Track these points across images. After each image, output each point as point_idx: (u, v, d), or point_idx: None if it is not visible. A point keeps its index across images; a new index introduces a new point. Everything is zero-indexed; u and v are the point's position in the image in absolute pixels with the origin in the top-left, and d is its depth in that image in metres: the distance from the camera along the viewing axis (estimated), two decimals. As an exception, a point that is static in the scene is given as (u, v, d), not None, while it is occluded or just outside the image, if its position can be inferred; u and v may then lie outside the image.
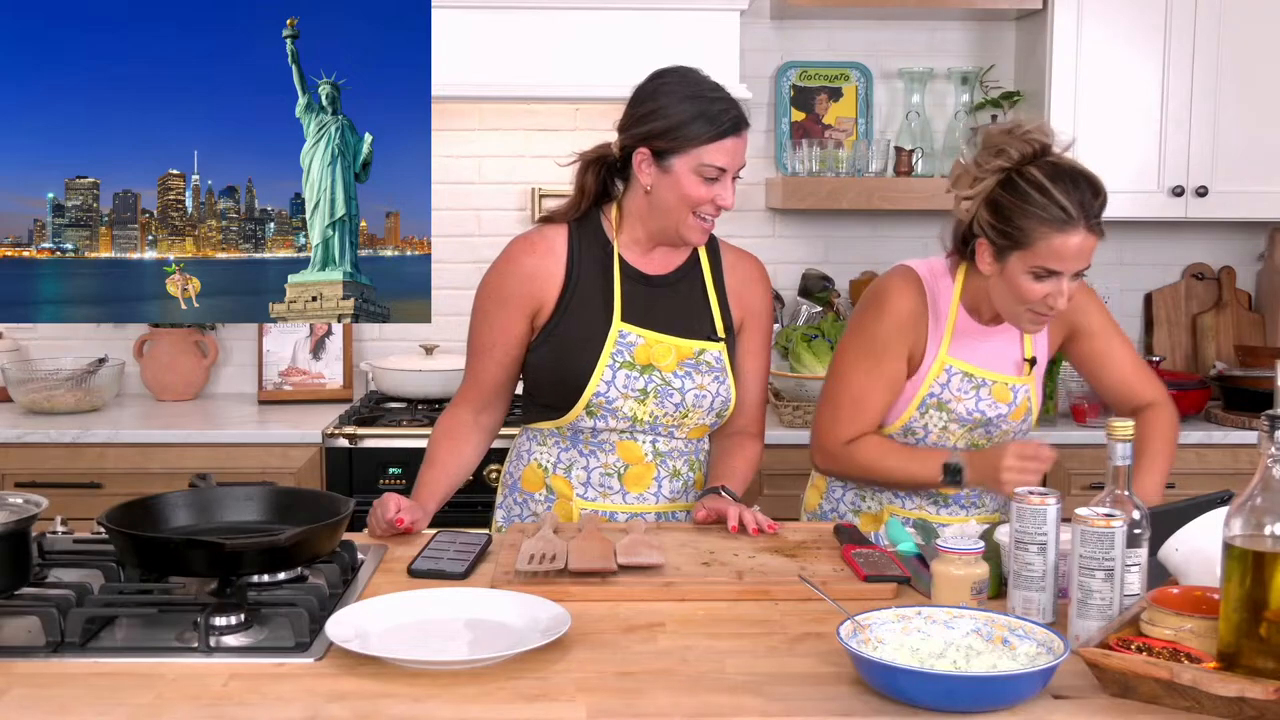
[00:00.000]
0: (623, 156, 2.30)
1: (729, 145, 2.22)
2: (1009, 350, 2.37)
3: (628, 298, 2.32)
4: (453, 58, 3.46)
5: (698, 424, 2.36)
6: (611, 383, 2.28)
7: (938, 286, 2.35)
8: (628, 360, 2.29)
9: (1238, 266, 4.03)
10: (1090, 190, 2.16)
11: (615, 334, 2.29)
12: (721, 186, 2.24)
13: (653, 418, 2.31)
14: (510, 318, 2.33)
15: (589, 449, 2.34)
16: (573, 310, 2.31)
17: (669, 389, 2.30)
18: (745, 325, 2.42)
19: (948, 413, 2.35)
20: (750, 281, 2.43)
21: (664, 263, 2.37)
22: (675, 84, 2.25)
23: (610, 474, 2.34)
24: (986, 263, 2.23)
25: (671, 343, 2.32)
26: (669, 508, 2.37)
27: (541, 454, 2.38)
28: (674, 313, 2.34)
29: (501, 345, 2.34)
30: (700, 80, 2.27)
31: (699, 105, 2.22)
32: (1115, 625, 1.60)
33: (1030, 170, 2.17)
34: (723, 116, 2.22)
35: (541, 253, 2.33)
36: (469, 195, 3.96)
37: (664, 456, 2.35)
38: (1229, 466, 3.41)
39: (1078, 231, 2.14)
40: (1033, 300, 2.20)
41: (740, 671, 1.59)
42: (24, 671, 1.59)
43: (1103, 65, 3.60)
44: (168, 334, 3.81)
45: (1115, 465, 1.72)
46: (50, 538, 2.07)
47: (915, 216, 3.98)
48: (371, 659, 1.60)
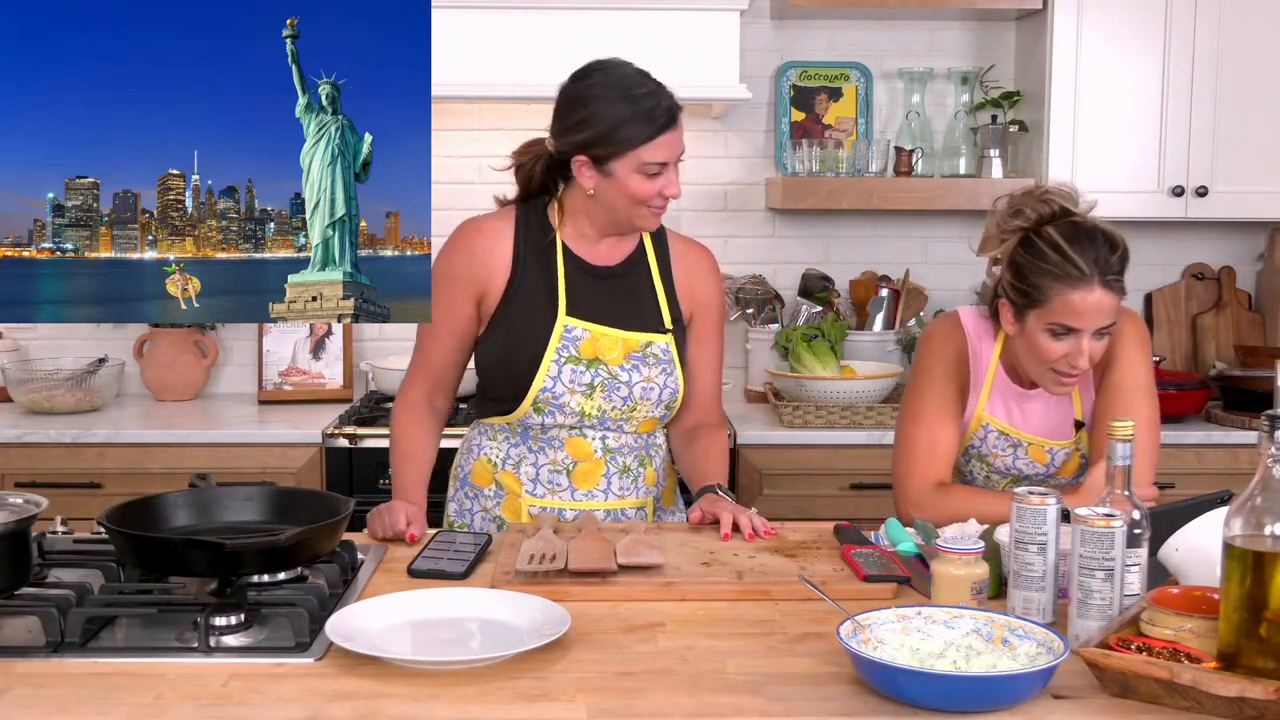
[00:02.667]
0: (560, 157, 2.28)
1: (666, 140, 2.20)
2: (1051, 412, 2.37)
3: (573, 290, 2.31)
4: (453, 58, 3.47)
5: (646, 416, 2.35)
6: (558, 378, 2.28)
7: (980, 343, 2.38)
8: (573, 355, 2.28)
9: (1238, 266, 4.03)
10: (1108, 247, 2.17)
11: (560, 328, 2.28)
12: (665, 179, 2.23)
13: (600, 412, 2.30)
14: (456, 297, 2.33)
15: (538, 445, 2.34)
16: (519, 300, 2.30)
17: (615, 382, 2.30)
18: (695, 316, 2.41)
19: (988, 465, 2.40)
20: (699, 273, 2.42)
21: (610, 254, 2.36)
22: (603, 85, 2.22)
23: (559, 471, 2.33)
24: (1009, 322, 2.27)
25: (618, 336, 2.31)
26: (618, 505, 2.36)
27: (491, 449, 2.38)
28: (621, 305, 2.33)
29: (448, 325, 2.34)
30: (625, 76, 2.23)
31: (630, 106, 2.19)
32: (1115, 625, 1.60)
33: (1048, 230, 2.20)
34: (655, 112, 2.19)
35: (487, 234, 2.34)
36: (469, 195, 3.95)
37: (613, 453, 2.34)
38: (1229, 466, 3.41)
39: (1092, 288, 2.15)
40: (1053, 359, 2.21)
41: (740, 671, 1.59)
42: (24, 671, 1.59)
43: (1103, 65, 3.60)
44: (168, 334, 3.81)
45: (1115, 465, 1.72)
46: (50, 538, 2.07)
47: (915, 216, 3.98)
48: (371, 659, 1.60)
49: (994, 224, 2.28)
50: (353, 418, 3.48)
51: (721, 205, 3.99)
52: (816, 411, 3.46)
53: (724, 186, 3.99)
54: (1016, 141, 3.83)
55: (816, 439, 3.43)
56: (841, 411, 3.46)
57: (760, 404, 3.80)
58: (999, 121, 3.79)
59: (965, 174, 3.82)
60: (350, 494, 2.59)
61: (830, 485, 3.41)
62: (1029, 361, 2.28)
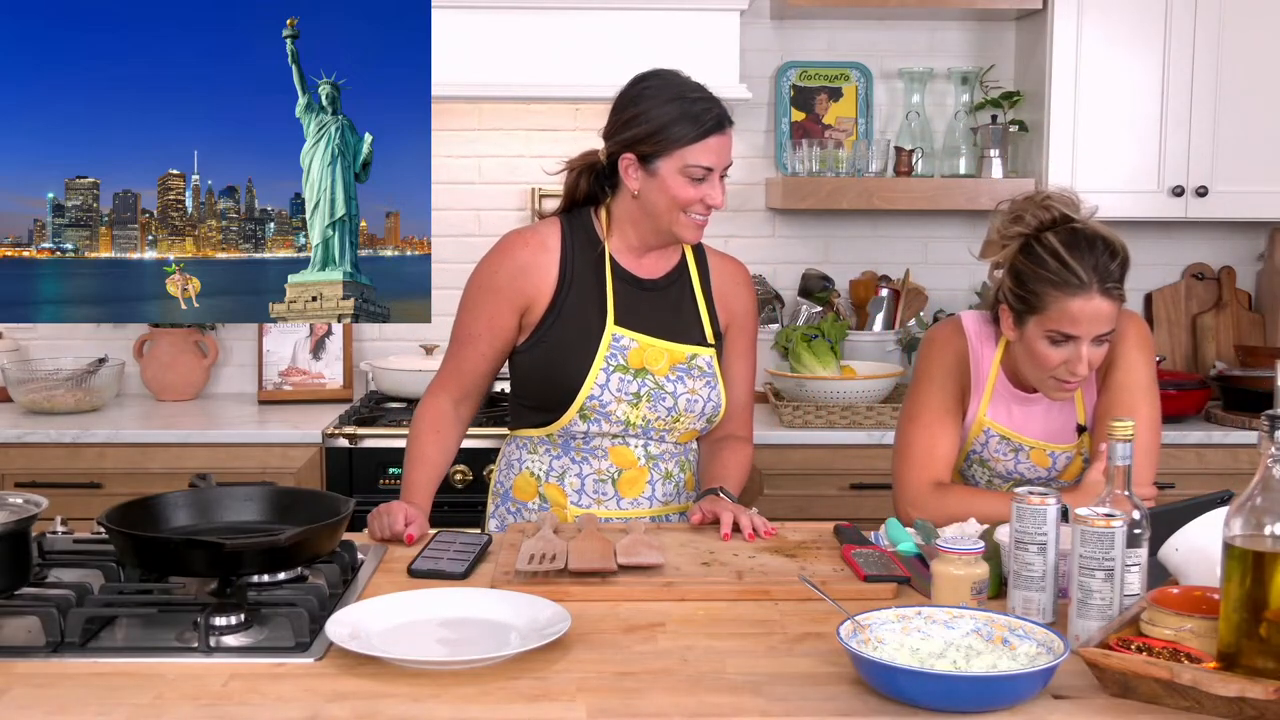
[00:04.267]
0: (610, 163, 2.30)
1: (713, 144, 2.22)
2: (1053, 416, 2.37)
3: (620, 300, 2.32)
4: (453, 58, 3.46)
5: (689, 428, 2.36)
6: (605, 386, 2.28)
7: (982, 347, 2.38)
8: (621, 364, 2.29)
9: (1238, 266, 4.03)
10: (1107, 254, 2.16)
11: (609, 337, 2.29)
12: (709, 186, 2.24)
13: (645, 422, 2.31)
14: (500, 310, 2.32)
15: (581, 455, 2.34)
16: (567, 311, 2.30)
17: (662, 393, 2.30)
18: (730, 329, 2.42)
19: (990, 469, 2.40)
20: (735, 285, 2.43)
21: (655, 267, 2.37)
22: (657, 87, 2.25)
23: (604, 480, 2.34)
24: (1008, 327, 2.27)
25: (664, 347, 2.32)
26: (663, 510, 2.37)
27: (533, 462, 2.37)
28: (666, 317, 2.34)
29: (487, 337, 2.33)
30: (681, 82, 2.26)
31: (680, 106, 2.21)
32: (1115, 625, 1.60)
33: (1047, 237, 2.19)
34: (705, 115, 2.21)
35: (535, 247, 2.33)
36: (469, 195, 3.96)
37: (656, 460, 2.35)
38: (1229, 466, 3.41)
39: (1091, 296, 2.15)
40: (1051, 366, 2.21)
41: (740, 671, 1.59)
42: (24, 671, 1.59)
43: (1103, 65, 3.60)
44: (168, 334, 3.81)
45: (1115, 465, 1.72)
46: (50, 538, 2.07)
47: (915, 216, 3.98)
48: (371, 659, 1.60)
49: (995, 229, 2.28)
50: (353, 418, 3.48)
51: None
52: (816, 411, 3.46)
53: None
54: (1016, 141, 3.83)
55: (816, 439, 3.43)
56: (841, 411, 3.46)
57: (760, 404, 3.80)
58: (999, 121, 3.79)
59: (965, 174, 3.82)
60: (350, 494, 2.59)
61: (830, 485, 3.41)
62: (1028, 368, 2.28)
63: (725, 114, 2.25)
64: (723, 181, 2.27)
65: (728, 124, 2.25)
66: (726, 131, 2.24)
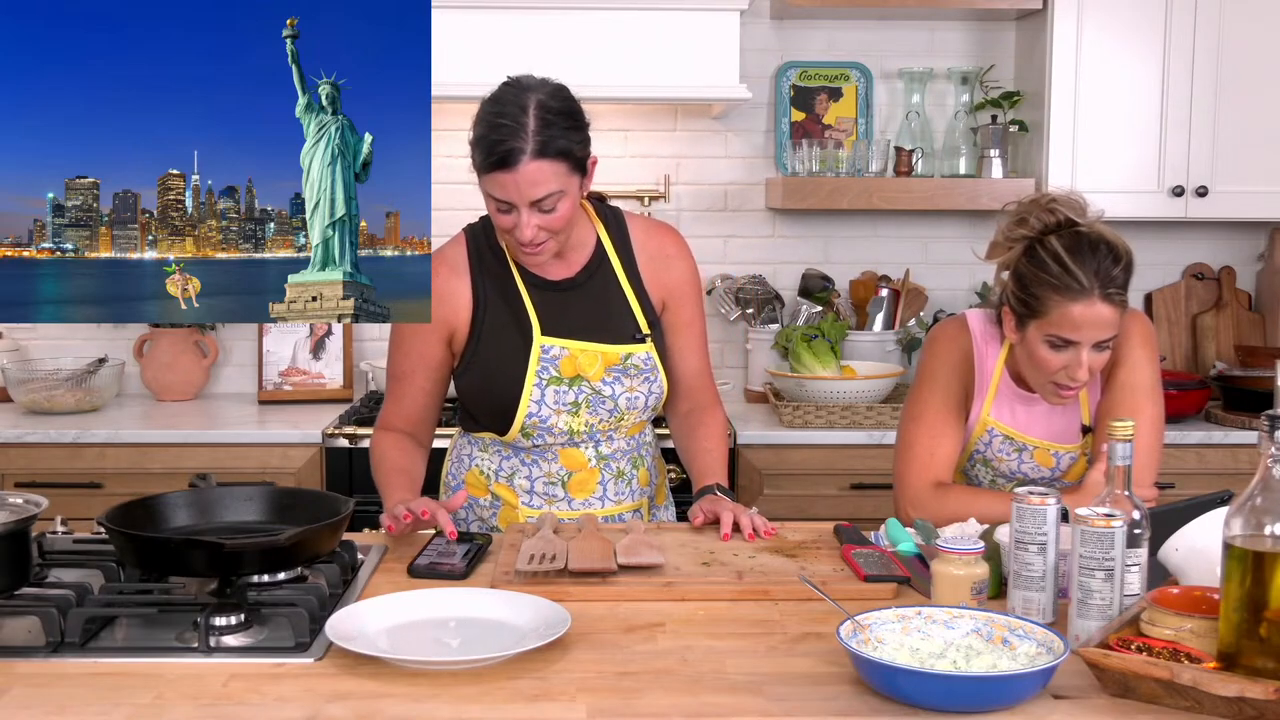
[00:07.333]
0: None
1: (501, 179, 2.06)
2: (1056, 416, 2.36)
3: (542, 308, 2.26)
4: (453, 58, 3.47)
5: (635, 423, 2.34)
6: (541, 401, 2.24)
7: (986, 346, 2.37)
8: (554, 375, 2.24)
9: (1238, 266, 4.03)
10: (1110, 259, 2.15)
11: (538, 349, 2.24)
12: (514, 218, 2.10)
13: (588, 427, 2.28)
14: (427, 341, 2.28)
15: (530, 458, 2.32)
16: (488, 331, 2.25)
17: (600, 397, 2.26)
18: (668, 303, 2.35)
19: (993, 469, 2.40)
20: (664, 257, 2.34)
21: (566, 266, 2.28)
22: (487, 102, 2.12)
23: (554, 482, 2.32)
24: (1010, 330, 2.27)
25: (596, 350, 2.26)
26: (615, 510, 2.35)
27: (483, 460, 2.35)
28: (594, 316, 2.27)
29: (422, 370, 2.29)
30: (501, 102, 2.09)
31: (481, 132, 2.09)
32: (1115, 625, 1.60)
33: (1050, 240, 2.18)
34: (496, 148, 2.05)
35: (445, 274, 2.27)
36: (469, 195, 3.93)
37: (607, 460, 2.33)
38: (1229, 466, 3.41)
39: (1092, 301, 2.14)
40: (1052, 370, 2.21)
41: (740, 671, 1.59)
42: (24, 671, 1.59)
43: (1103, 65, 3.60)
44: (168, 334, 3.81)
45: (1115, 465, 1.72)
46: (50, 538, 2.07)
47: (915, 216, 3.98)
48: (371, 659, 1.60)
49: (1000, 231, 2.27)
50: (353, 418, 3.48)
51: (721, 205, 3.99)
52: (816, 411, 3.46)
53: (724, 186, 3.99)
54: (1016, 141, 3.83)
55: (816, 439, 3.43)
56: (841, 411, 3.46)
57: (760, 404, 3.80)
58: (999, 121, 3.79)
59: (965, 174, 3.82)
60: (350, 494, 2.57)
61: (830, 485, 3.41)
62: (1029, 371, 2.28)
63: (517, 149, 2.03)
64: (533, 216, 2.08)
65: (519, 159, 2.03)
66: (515, 169, 2.04)
